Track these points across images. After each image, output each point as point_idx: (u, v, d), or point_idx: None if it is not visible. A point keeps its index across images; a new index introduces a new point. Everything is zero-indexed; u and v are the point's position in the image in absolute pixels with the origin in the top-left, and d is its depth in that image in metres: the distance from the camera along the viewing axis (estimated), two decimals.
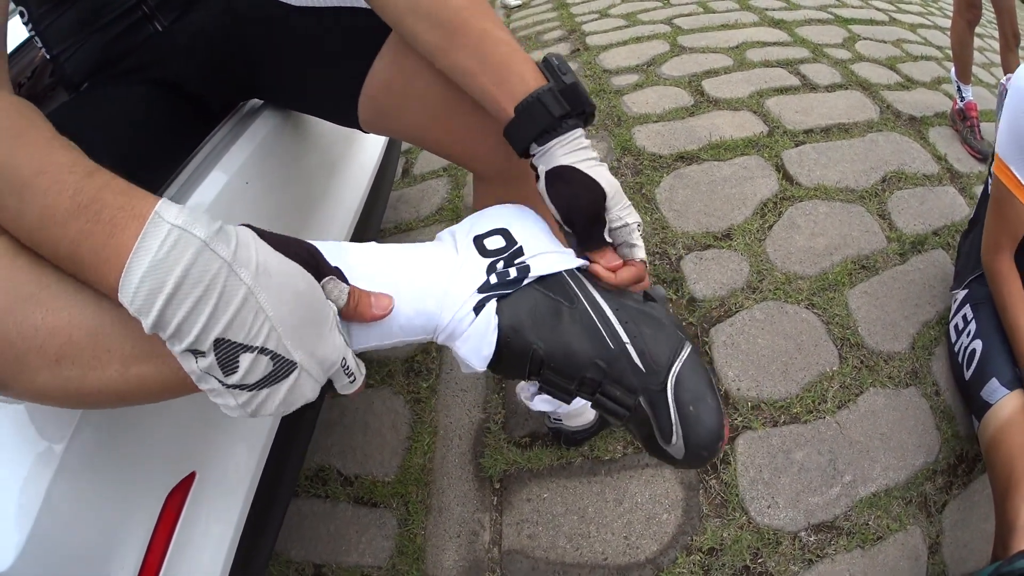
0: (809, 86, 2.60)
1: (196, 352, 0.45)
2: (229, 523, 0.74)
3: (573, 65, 3.03)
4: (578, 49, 3.28)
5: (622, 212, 0.68)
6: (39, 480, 0.54)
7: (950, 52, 2.62)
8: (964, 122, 2.40)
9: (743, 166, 2.03)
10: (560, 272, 0.63)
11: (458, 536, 1.21)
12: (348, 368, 0.54)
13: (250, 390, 0.47)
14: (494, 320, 0.58)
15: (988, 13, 2.66)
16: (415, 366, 1.54)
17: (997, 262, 1.34)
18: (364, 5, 0.81)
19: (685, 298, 1.60)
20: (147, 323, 0.43)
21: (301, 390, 0.50)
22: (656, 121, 2.37)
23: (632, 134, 2.29)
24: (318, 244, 0.56)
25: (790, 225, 1.79)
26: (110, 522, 0.61)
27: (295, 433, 0.95)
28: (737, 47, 3.00)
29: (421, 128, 0.85)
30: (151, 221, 0.44)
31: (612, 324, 0.60)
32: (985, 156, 2.27)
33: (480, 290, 0.59)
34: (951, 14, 2.58)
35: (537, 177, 0.68)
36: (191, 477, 0.71)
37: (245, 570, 0.79)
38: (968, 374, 1.34)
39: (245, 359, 0.46)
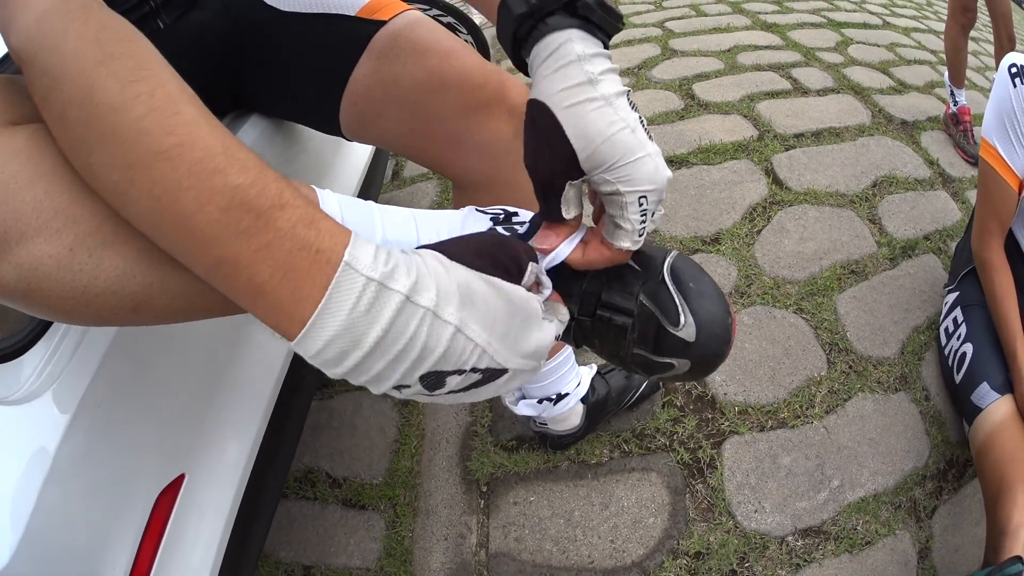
0: (801, 90, 2.66)
1: (399, 387, 0.43)
2: (218, 524, 0.78)
3: None
4: None
5: (613, 174, 0.48)
6: (32, 481, 0.57)
7: (944, 56, 2.68)
8: (957, 126, 2.46)
9: (732, 170, 2.09)
10: None
11: (445, 539, 1.24)
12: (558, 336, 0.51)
13: (454, 394, 0.45)
14: None
15: (983, 17, 2.72)
16: None
17: (987, 250, 1.41)
18: (348, 12, 0.85)
19: None
20: (334, 373, 0.41)
21: (513, 383, 0.48)
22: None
23: None
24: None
25: (779, 230, 1.84)
26: (101, 523, 0.65)
27: (283, 435, 0.98)
28: (729, 51, 3.07)
29: (401, 136, 0.88)
30: (342, 272, 0.40)
31: None
32: (978, 160, 2.33)
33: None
34: (945, 18, 2.64)
35: None
36: (180, 479, 0.74)
37: (234, 571, 0.82)
38: (959, 377, 1.39)
39: (453, 379, 0.44)
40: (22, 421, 0.59)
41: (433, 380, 0.43)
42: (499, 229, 0.55)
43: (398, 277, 0.40)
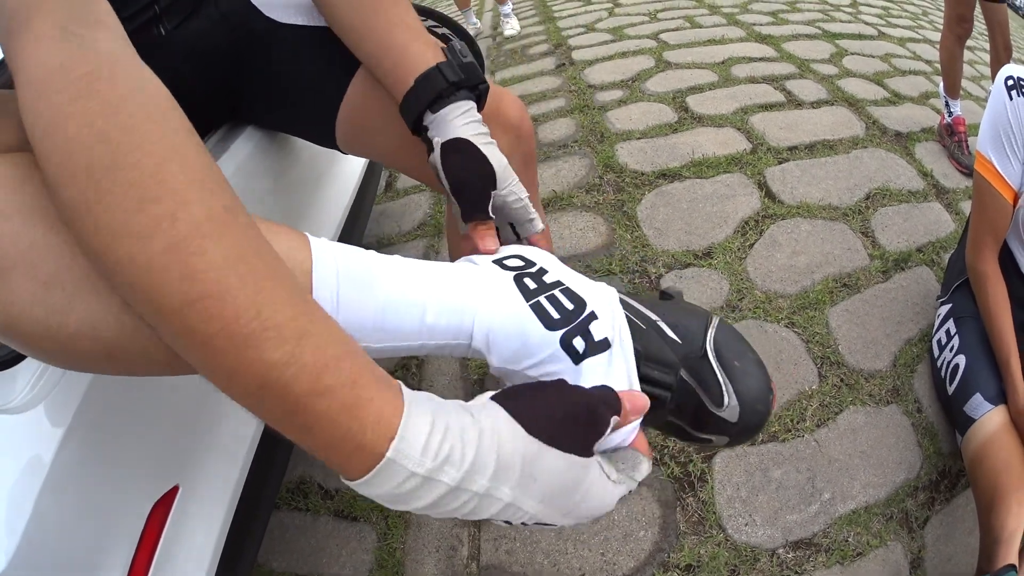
0: (794, 102, 2.72)
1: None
2: (212, 534, 0.81)
3: (558, 80, 3.15)
4: (563, 64, 3.40)
5: (516, 188, 0.70)
6: (29, 490, 0.60)
7: (939, 66, 2.72)
8: (952, 137, 2.50)
9: (725, 184, 2.13)
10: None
11: (437, 551, 1.27)
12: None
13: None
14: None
15: (979, 25, 2.77)
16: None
17: (981, 263, 1.43)
18: None
19: None
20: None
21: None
22: (639, 138, 2.48)
23: (615, 151, 2.40)
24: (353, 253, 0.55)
25: (771, 243, 1.89)
26: (97, 533, 0.68)
27: (277, 446, 1.02)
28: (723, 63, 3.13)
29: (395, 150, 0.90)
30: (384, 468, 0.40)
31: (638, 308, 0.61)
32: (972, 171, 2.37)
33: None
34: (941, 28, 2.68)
35: (430, 150, 0.71)
36: (174, 490, 0.77)
37: None
38: (951, 389, 1.43)
39: (498, 521, 0.47)
40: (18, 430, 0.61)
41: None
42: (557, 294, 0.56)
43: (448, 470, 0.41)
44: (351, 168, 1.54)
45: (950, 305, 1.56)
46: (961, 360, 1.44)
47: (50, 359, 0.49)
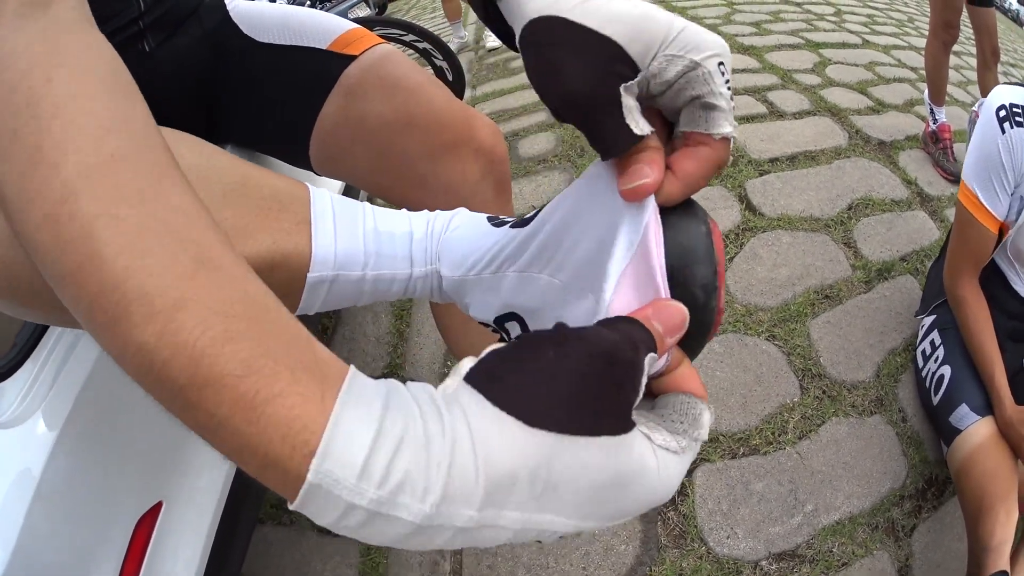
0: (776, 113, 2.82)
1: None
2: (196, 549, 0.86)
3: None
4: None
5: (676, 47, 0.37)
6: (19, 504, 0.65)
7: (925, 73, 2.77)
8: (937, 144, 2.59)
9: (705, 196, 2.21)
10: None
11: (419, 565, 1.33)
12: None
13: None
14: None
15: (966, 30, 2.83)
16: None
17: (960, 287, 1.47)
18: (320, 46, 0.92)
19: None
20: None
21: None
22: None
23: None
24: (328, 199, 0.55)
25: (751, 256, 1.96)
26: (84, 549, 0.73)
27: None
28: None
29: (368, 174, 0.94)
30: (309, 494, 0.28)
31: None
32: (958, 177, 2.42)
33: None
34: (926, 34, 2.74)
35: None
36: (158, 507, 0.83)
37: None
38: (936, 399, 1.49)
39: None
40: (7, 445, 0.67)
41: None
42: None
43: (405, 501, 0.28)
44: (331, 186, 1.60)
45: (934, 316, 1.62)
46: (946, 371, 1.49)
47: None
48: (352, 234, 0.53)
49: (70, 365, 0.75)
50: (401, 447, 0.28)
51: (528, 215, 0.48)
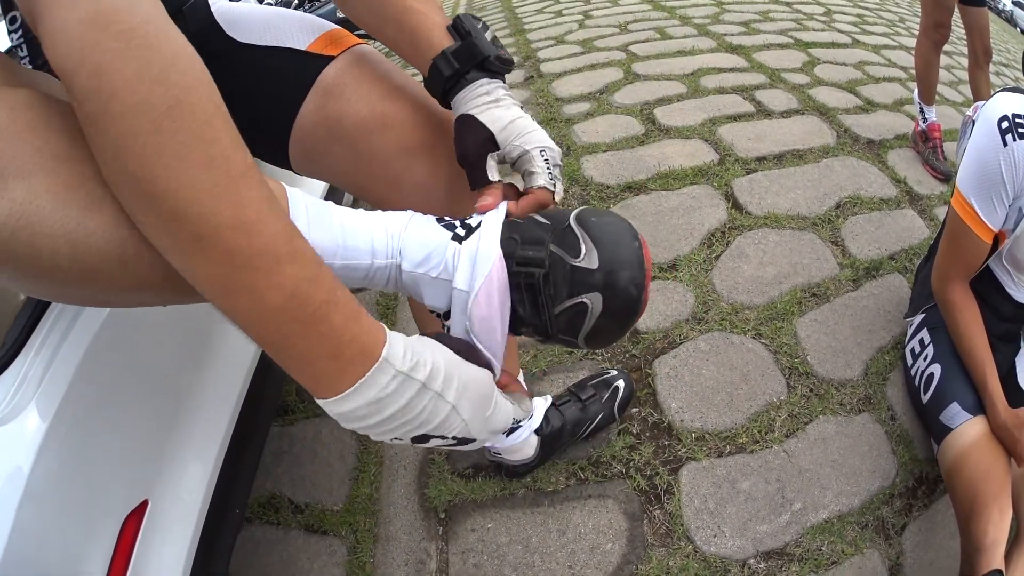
0: (764, 112, 2.87)
1: (395, 439, 0.60)
2: (183, 547, 0.89)
3: (525, 93, 3.27)
4: (532, 76, 3.54)
5: (518, 140, 0.78)
6: (7, 506, 0.68)
7: (914, 72, 2.81)
8: (926, 143, 2.64)
9: (691, 196, 2.25)
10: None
11: (406, 564, 1.35)
12: (519, 422, 0.76)
13: (433, 444, 0.63)
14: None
15: (958, 30, 2.88)
16: None
17: (949, 292, 1.49)
18: (299, 47, 0.94)
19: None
20: (345, 424, 0.56)
21: (476, 447, 0.66)
22: (605, 151, 2.61)
23: (580, 164, 2.52)
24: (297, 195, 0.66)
25: (738, 255, 2.00)
26: (73, 548, 0.75)
27: (243, 460, 1.10)
28: (692, 74, 3.28)
29: (345, 174, 0.97)
30: (379, 367, 0.54)
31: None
32: (948, 176, 2.49)
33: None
34: (917, 34, 2.78)
35: None
36: (144, 505, 0.85)
37: None
38: (926, 398, 1.51)
39: (435, 440, 0.62)
40: None
41: (421, 439, 0.61)
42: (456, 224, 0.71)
43: (419, 369, 0.57)
44: (313, 185, 1.63)
45: (924, 315, 1.65)
46: (936, 369, 1.52)
47: (49, 274, 0.53)
48: (323, 230, 0.65)
49: (58, 363, 0.78)
50: (412, 344, 0.58)
51: (468, 219, 0.72)
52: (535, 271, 0.65)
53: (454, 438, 0.62)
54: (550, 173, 0.78)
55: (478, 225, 0.70)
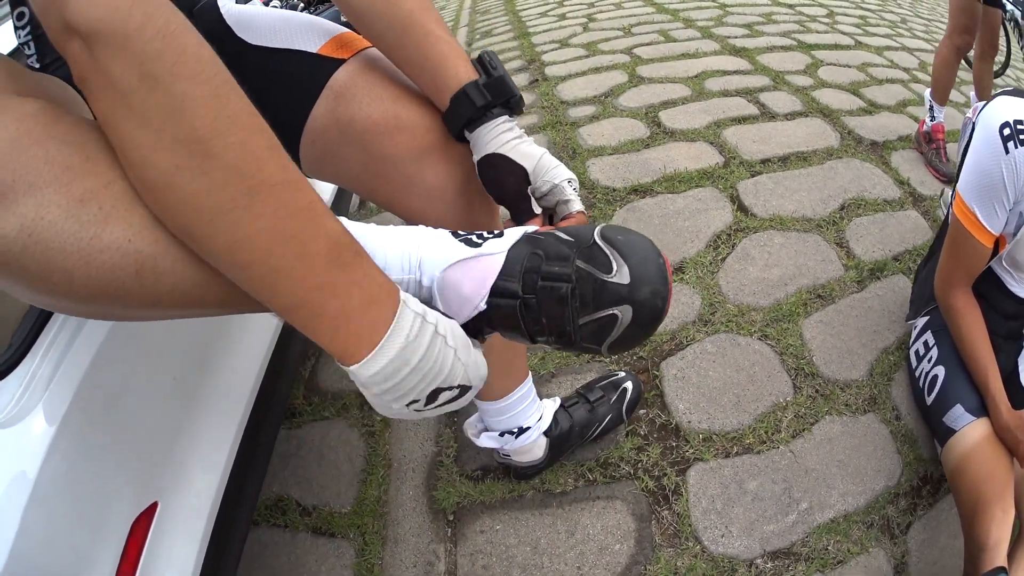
0: (768, 115, 2.87)
1: (411, 402, 0.62)
2: (191, 551, 0.89)
3: (531, 97, 3.28)
4: (536, 80, 3.54)
5: (548, 176, 0.84)
6: (15, 505, 0.67)
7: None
8: (929, 144, 2.63)
9: (697, 198, 2.25)
10: None
11: (414, 566, 1.36)
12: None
13: (435, 408, 0.65)
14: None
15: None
16: None
17: (951, 297, 1.49)
18: (311, 49, 0.94)
19: None
20: (376, 390, 0.59)
21: (463, 401, 0.68)
22: (611, 154, 2.61)
23: (586, 167, 2.53)
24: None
25: (743, 257, 2.00)
26: (81, 550, 0.75)
27: (252, 462, 1.10)
28: (696, 76, 3.28)
29: (356, 177, 0.97)
30: (402, 310, 0.59)
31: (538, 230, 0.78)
32: (950, 178, 2.48)
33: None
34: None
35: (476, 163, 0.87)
36: (153, 507, 0.85)
37: None
38: (930, 400, 1.51)
39: (444, 395, 0.64)
40: (3, 446, 0.69)
41: (433, 395, 0.63)
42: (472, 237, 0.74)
43: (428, 314, 0.62)
44: (319, 187, 1.63)
45: (927, 317, 1.64)
46: (940, 371, 1.52)
47: (64, 287, 0.53)
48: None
49: (67, 365, 0.77)
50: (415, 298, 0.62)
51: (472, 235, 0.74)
52: (562, 285, 0.67)
53: (458, 387, 0.65)
54: (579, 199, 0.85)
55: (492, 235, 0.73)
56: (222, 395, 1.06)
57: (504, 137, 0.84)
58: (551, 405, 1.39)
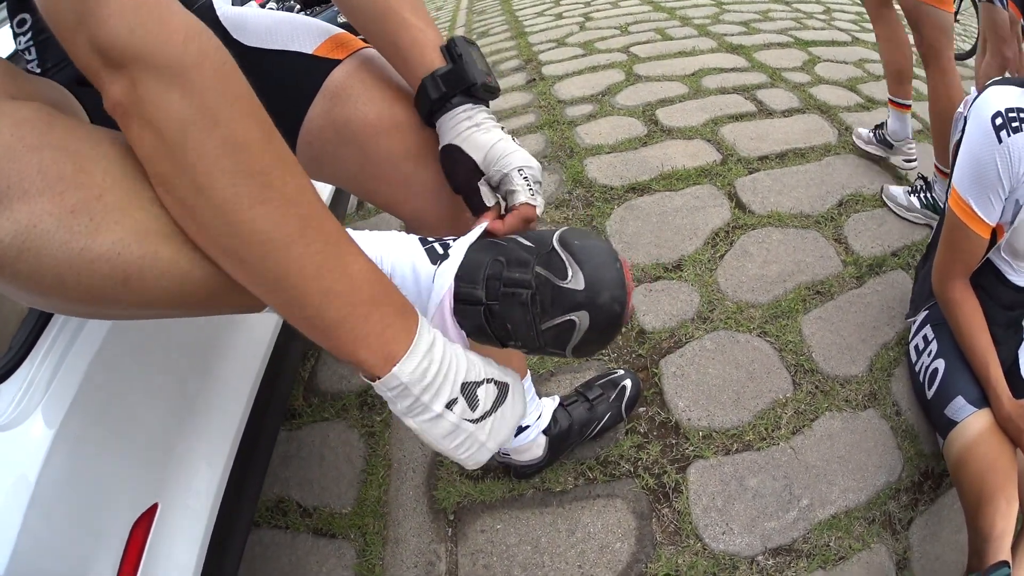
0: (765, 112, 2.87)
1: (450, 402, 0.63)
2: (192, 552, 0.89)
3: (528, 96, 3.28)
4: (533, 79, 3.55)
5: (499, 165, 0.82)
6: (16, 507, 0.68)
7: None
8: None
9: (695, 196, 2.25)
10: None
11: (415, 566, 1.36)
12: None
13: (490, 415, 0.66)
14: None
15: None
16: (368, 400, 1.72)
17: (949, 290, 1.49)
18: (306, 50, 0.94)
19: (634, 330, 1.79)
20: (405, 401, 0.62)
21: (516, 403, 0.70)
22: (609, 152, 2.61)
23: (584, 166, 2.53)
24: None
25: (742, 254, 2.00)
26: (81, 553, 0.75)
27: (252, 464, 1.10)
28: (693, 74, 3.28)
29: (354, 177, 0.97)
30: (421, 324, 0.63)
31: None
32: (946, 173, 2.46)
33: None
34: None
35: None
36: (154, 508, 0.85)
37: None
38: (931, 393, 1.50)
39: (481, 391, 0.66)
40: (3, 448, 0.69)
41: (469, 392, 0.65)
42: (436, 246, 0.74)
43: (433, 329, 0.65)
44: (317, 187, 1.63)
45: (926, 312, 1.64)
46: (940, 364, 1.51)
47: (57, 292, 0.54)
48: None
49: (66, 367, 0.77)
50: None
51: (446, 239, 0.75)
52: (522, 291, 0.69)
53: (489, 380, 0.67)
54: (530, 189, 0.82)
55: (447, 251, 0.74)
56: (221, 396, 1.06)
57: (461, 127, 0.83)
58: (550, 404, 1.39)
